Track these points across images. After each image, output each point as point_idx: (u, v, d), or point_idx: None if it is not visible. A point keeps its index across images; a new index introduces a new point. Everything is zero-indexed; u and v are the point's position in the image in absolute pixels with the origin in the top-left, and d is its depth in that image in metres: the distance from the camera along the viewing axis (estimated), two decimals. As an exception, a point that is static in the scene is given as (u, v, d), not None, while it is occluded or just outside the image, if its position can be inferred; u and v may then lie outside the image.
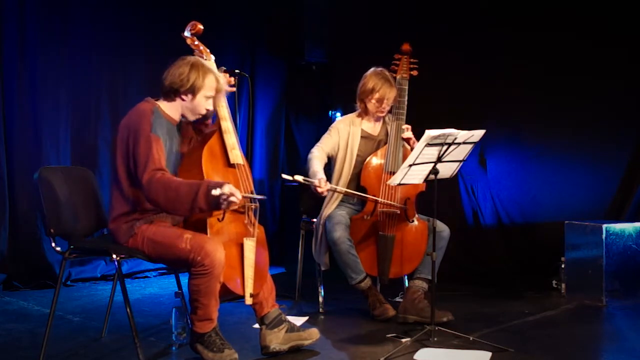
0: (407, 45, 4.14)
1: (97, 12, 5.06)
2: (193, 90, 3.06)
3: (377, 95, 4.00)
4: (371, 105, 4.05)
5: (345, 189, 3.96)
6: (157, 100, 3.12)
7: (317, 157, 4.01)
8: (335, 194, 4.05)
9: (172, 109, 3.12)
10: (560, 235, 4.62)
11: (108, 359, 3.24)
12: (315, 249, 4.09)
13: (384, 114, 4.09)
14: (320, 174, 3.88)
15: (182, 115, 3.16)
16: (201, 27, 3.37)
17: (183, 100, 3.08)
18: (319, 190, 3.82)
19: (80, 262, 4.94)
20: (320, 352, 3.34)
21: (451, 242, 3.97)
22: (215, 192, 2.78)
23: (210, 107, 3.15)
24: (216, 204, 2.83)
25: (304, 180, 3.79)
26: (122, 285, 3.11)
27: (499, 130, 5.23)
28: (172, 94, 3.08)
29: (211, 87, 3.09)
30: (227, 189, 2.81)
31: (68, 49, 4.93)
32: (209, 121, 3.33)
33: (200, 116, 3.17)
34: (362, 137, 4.10)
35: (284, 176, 3.80)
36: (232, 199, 2.82)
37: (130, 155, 2.97)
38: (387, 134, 4.13)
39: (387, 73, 4.05)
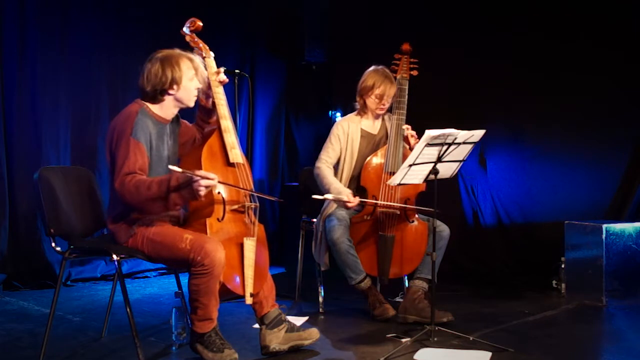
0: (407, 45, 4.14)
1: (97, 12, 5.07)
2: (177, 81, 3.07)
3: (377, 91, 4.00)
4: (371, 101, 4.05)
5: (377, 201, 3.94)
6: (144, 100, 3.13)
7: (327, 170, 4.03)
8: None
9: (162, 108, 3.12)
10: (560, 235, 4.62)
11: (108, 359, 3.24)
12: (315, 249, 4.09)
13: (383, 111, 4.09)
14: (344, 188, 3.92)
15: (180, 107, 3.15)
16: (200, 24, 3.36)
17: (171, 94, 3.09)
18: (349, 205, 3.86)
19: (80, 262, 4.94)
20: (320, 352, 3.34)
21: (451, 242, 3.97)
22: (176, 170, 2.75)
23: (199, 85, 3.15)
24: (189, 192, 2.81)
25: (334, 197, 3.84)
26: (122, 285, 3.11)
27: (499, 130, 5.23)
28: (158, 94, 3.08)
29: (189, 68, 3.10)
30: (199, 173, 2.79)
31: (68, 49, 4.93)
32: (212, 120, 3.33)
33: (196, 97, 3.16)
34: (361, 136, 4.10)
35: (315, 197, 3.81)
36: (203, 182, 2.79)
37: (112, 157, 2.99)
38: (387, 133, 4.13)
39: (387, 70, 4.06)
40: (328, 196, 3.80)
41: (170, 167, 2.81)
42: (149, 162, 3.00)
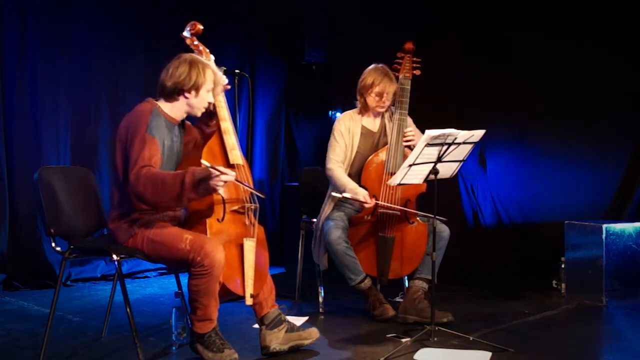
0: (410, 43, 4.10)
1: (97, 12, 5.07)
2: (197, 87, 3.08)
3: (376, 89, 3.99)
4: (371, 99, 4.04)
5: (392, 205, 3.91)
6: (157, 100, 3.13)
7: (339, 171, 4.00)
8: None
9: (173, 108, 3.13)
10: (560, 235, 4.62)
11: (108, 359, 3.24)
12: (314, 249, 4.09)
13: (384, 109, 4.09)
14: (360, 189, 3.90)
15: (188, 113, 3.16)
16: (201, 27, 3.37)
17: (187, 98, 3.10)
18: (366, 206, 3.85)
19: (80, 262, 4.94)
20: (320, 352, 3.34)
21: (451, 242, 3.97)
22: (205, 165, 2.76)
23: (212, 100, 3.17)
24: (205, 188, 2.81)
25: (352, 197, 3.83)
26: (122, 285, 3.11)
27: (499, 130, 5.23)
28: (175, 94, 3.09)
29: (211, 81, 3.12)
30: (219, 168, 2.79)
31: (68, 49, 4.94)
32: (212, 122, 3.32)
33: (204, 109, 3.17)
34: (361, 133, 4.10)
35: (334, 194, 3.87)
36: (223, 177, 2.79)
37: (127, 156, 2.98)
38: (385, 130, 4.12)
39: (386, 68, 4.05)
40: (346, 195, 3.79)
41: (203, 161, 2.80)
42: (161, 159, 3.01)
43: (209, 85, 3.11)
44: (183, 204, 2.95)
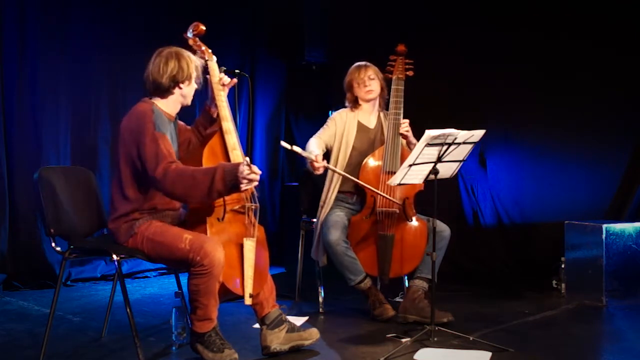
0: (402, 46, 4.17)
1: (97, 12, 5.07)
2: (189, 76, 3.14)
3: (356, 78, 4.11)
4: (357, 90, 4.13)
5: (341, 171, 3.97)
6: (151, 99, 3.14)
7: (314, 143, 4.10)
8: (331, 193, 4.08)
9: (168, 104, 3.15)
10: (560, 235, 4.62)
11: (108, 359, 3.24)
12: (313, 247, 4.10)
13: (372, 95, 4.12)
14: (317, 151, 3.95)
15: (181, 104, 3.20)
16: (203, 28, 3.38)
17: (181, 89, 3.14)
18: (315, 165, 3.83)
19: (80, 262, 4.94)
20: (320, 352, 3.34)
21: (451, 242, 3.96)
22: (247, 160, 2.84)
23: (197, 86, 3.23)
24: (234, 184, 2.86)
25: (301, 152, 3.82)
26: (122, 285, 3.11)
27: (499, 130, 5.23)
28: (171, 87, 3.12)
29: (195, 68, 3.19)
30: (247, 168, 2.85)
31: (68, 49, 4.94)
32: (212, 125, 3.33)
33: (191, 98, 3.22)
34: (357, 128, 4.13)
35: (283, 143, 3.81)
36: (252, 176, 2.86)
37: (136, 158, 2.98)
38: (382, 128, 4.15)
39: (362, 61, 4.17)
40: (296, 148, 3.76)
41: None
42: None
43: (195, 73, 3.18)
44: (212, 198, 2.96)
